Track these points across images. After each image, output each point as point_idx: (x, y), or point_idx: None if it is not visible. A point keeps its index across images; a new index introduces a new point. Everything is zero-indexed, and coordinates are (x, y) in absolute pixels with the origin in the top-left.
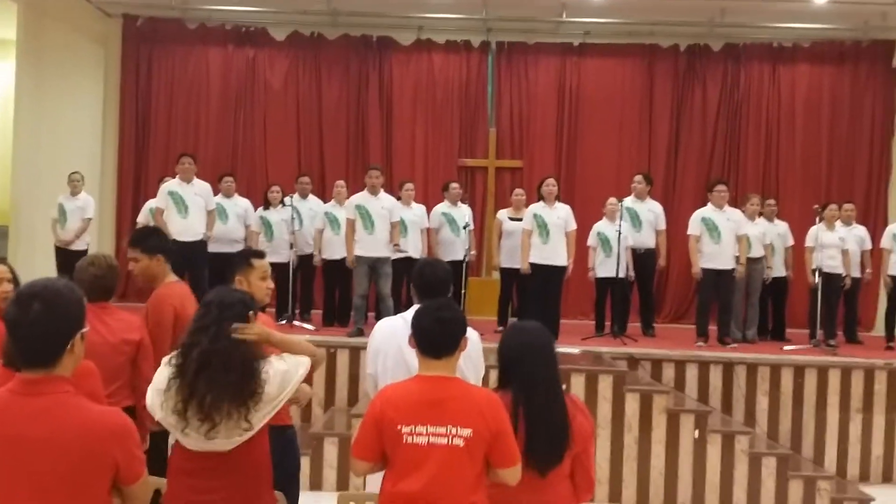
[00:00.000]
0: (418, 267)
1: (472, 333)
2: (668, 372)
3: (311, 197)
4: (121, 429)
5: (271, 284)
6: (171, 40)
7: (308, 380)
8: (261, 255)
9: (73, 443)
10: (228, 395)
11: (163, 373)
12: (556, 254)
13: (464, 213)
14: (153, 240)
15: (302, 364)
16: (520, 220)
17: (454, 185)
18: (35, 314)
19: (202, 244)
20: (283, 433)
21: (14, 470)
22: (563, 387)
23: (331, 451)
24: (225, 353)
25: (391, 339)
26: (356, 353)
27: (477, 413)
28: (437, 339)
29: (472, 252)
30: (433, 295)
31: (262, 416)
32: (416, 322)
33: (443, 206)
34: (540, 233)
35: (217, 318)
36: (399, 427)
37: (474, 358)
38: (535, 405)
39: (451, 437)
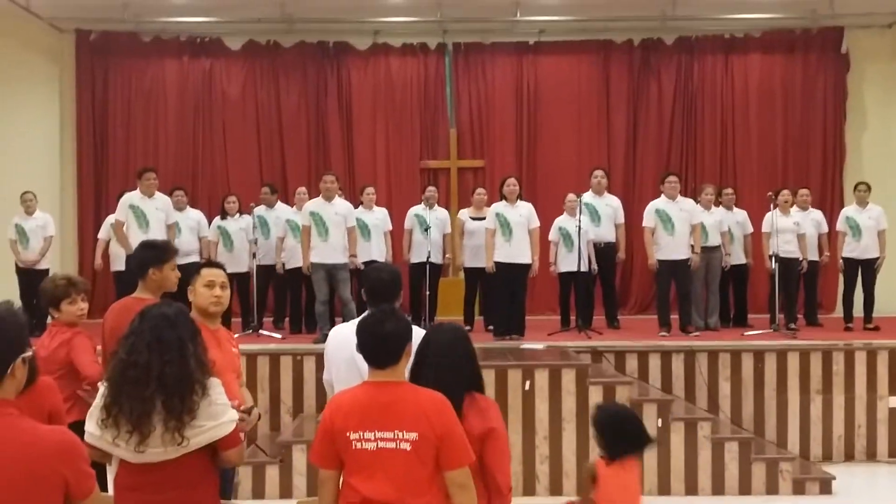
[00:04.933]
0: (365, 271)
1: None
2: (632, 363)
3: (280, 205)
4: (67, 446)
5: (217, 292)
6: (126, 54)
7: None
8: (213, 265)
9: (20, 463)
10: (154, 409)
11: (101, 390)
12: (519, 252)
13: (430, 215)
14: None
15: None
16: (482, 219)
17: (430, 189)
18: None
19: None
20: None
21: None
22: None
23: (300, 458)
24: (144, 365)
25: (344, 346)
26: (322, 359)
27: (423, 416)
28: (377, 351)
29: (448, 256)
30: (379, 298)
31: (200, 436)
32: (358, 334)
33: (417, 209)
34: (503, 231)
35: (137, 328)
36: (348, 434)
37: None
38: None
39: (398, 442)
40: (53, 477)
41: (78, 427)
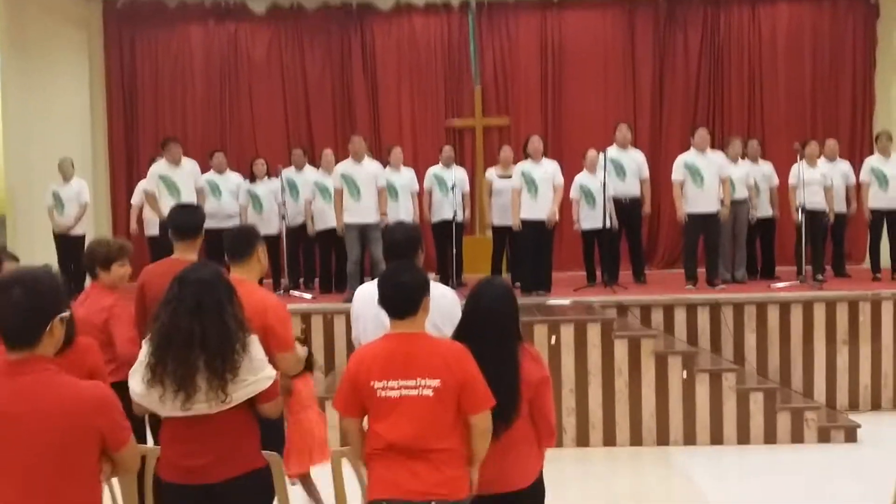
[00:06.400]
0: (383, 230)
1: (447, 291)
2: (657, 316)
3: (307, 167)
4: (101, 400)
5: None
6: (153, 20)
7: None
8: None
9: (56, 417)
10: (198, 371)
11: (143, 348)
12: (545, 209)
13: (453, 174)
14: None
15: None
16: (508, 177)
17: (447, 147)
18: (16, 298)
19: None
20: None
21: (1, 446)
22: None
23: (333, 413)
24: (187, 330)
25: (369, 303)
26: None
27: (443, 364)
28: (397, 301)
29: (466, 213)
30: (397, 256)
31: (243, 391)
32: (378, 286)
33: (435, 168)
34: (529, 189)
35: (177, 294)
36: (372, 383)
37: (452, 315)
38: (483, 364)
39: (420, 389)
40: (90, 429)
41: (121, 386)
